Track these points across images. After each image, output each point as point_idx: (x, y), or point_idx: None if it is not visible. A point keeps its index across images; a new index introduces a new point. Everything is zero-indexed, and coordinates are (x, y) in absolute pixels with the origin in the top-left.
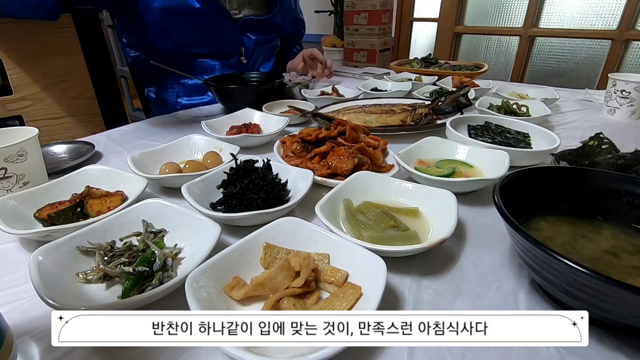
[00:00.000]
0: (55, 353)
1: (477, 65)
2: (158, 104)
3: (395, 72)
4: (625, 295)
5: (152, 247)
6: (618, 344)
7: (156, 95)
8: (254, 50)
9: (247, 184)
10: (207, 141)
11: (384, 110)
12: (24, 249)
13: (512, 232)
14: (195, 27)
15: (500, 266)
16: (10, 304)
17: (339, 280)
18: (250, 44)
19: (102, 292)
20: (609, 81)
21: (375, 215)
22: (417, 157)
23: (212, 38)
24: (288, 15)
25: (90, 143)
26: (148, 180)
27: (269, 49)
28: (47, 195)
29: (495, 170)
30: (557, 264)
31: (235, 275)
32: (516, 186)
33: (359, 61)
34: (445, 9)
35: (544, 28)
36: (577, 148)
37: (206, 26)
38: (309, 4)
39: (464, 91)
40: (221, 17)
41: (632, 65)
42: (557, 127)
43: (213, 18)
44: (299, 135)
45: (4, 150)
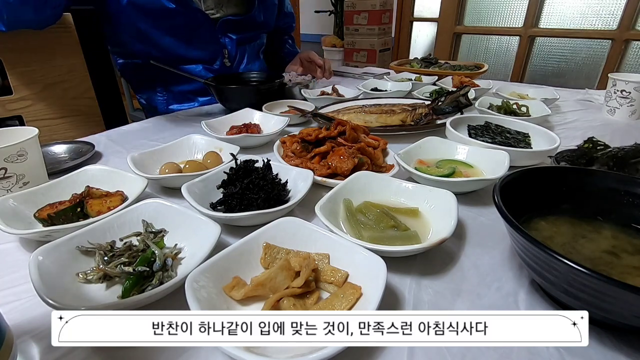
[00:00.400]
0: (55, 353)
1: (477, 65)
2: (149, 110)
3: (395, 72)
4: (625, 295)
5: (152, 247)
6: (618, 344)
7: (147, 102)
8: (237, 51)
9: (247, 184)
10: (207, 141)
11: (384, 110)
12: (24, 249)
13: (512, 232)
14: (172, 29)
15: (500, 266)
16: (10, 304)
17: (339, 280)
18: (232, 45)
19: (102, 292)
20: (609, 81)
21: (375, 215)
22: (417, 157)
23: (191, 42)
24: (271, 11)
25: (90, 143)
26: (148, 180)
27: (254, 47)
28: (47, 195)
29: (495, 170)
30: (557, 264)
31: (235, 275)
32: (516, 186)
33: (359, 61)
34: (445, 9)
35: (544, 28)
36: (573, 150)
37: (183, 29)
38: (309, 4)
39: (464, 91)
40: (198, 19)
41: (632, 65)
42: (557, 127)
43: (190, 20)
44: (299, 135)
45: (4, 150)
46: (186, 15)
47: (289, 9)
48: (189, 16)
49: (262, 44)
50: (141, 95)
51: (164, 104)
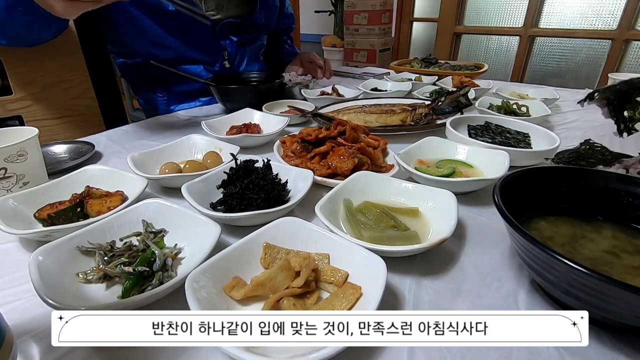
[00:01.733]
0: (55, 353)
1: (477, 65)
2: (149, 110)
3: (395, 72)
4: (625, 295)
5: (152, 247)
6: (618, 344)
7: (146, 103)
8: (237, 52)
9: (247, 184)
10: (207, 141)
11: (384, 110)
12: (24, 249)
13: (512, 232)
14: (173, 30)
15: (500, 266)
16: (10, 304)
17: (339, 280)
18: (232, 47)
19: (102, 292)
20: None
21: (375, 215)
22: (417, 157)
23: (191, 43)
24: (272, 13)
25: (90, 143)
26: (148, 180)
27: (254, 49)
28: (47, 195)
29: (495, 170)
30: (557, 264)
31: (235, 275)
32: (516, 186)
33: (359, 61)
34: (445, 9)
35: (544, 28)
36: (570, 152)
37: (184, 30)
38: (309, 4)
39: (464, 91)
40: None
41: (632, 65)
42: (557, 127)
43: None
44: (299, 135)
45: (4, 150)
46: (187, 16)
47: (289, 10)
48: (190, 17)
49: (262, 45)
50: (140, 95)
51: (165, 104)
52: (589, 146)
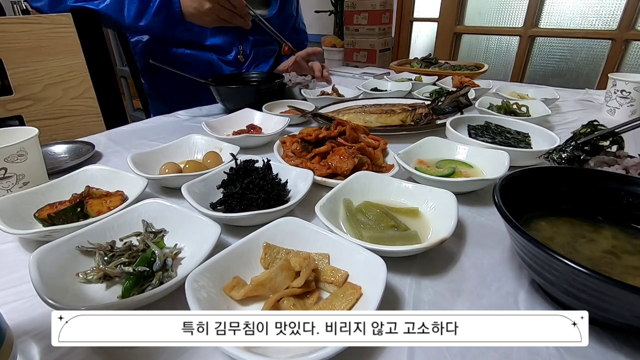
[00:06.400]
0: (55, 353)
1: (477, 65)
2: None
3: (395, 72)
4: (625, 295)
5: (152, 247)
6: (618, 344)
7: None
8: (251, 50)
9: (247, 184)
10: (207, 141)
11: (384, 110)
12: (24, 249)
13: (512, 232)
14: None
15: (500, 266)
16: (10, 304)
17: (339, 280)
18: (247, 45)
19: (102, 292)
20: (609, 81)
21: (375, 215)
22: (417, 157)
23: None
24: (287, 21)
25: (90, 143)
26: (148, 180)
27: (267, 52)
28: (47, 195)
29: (495, 170)
30: (557, 264)
31: (235, 275)
32: (516, 186)
33: (359, 61)
34: (445, 9)
35: (544, 28)
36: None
37: None
38: (309, 4)
39: (464, 91)
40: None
41: (632, 65)
42: (557, 127)
43: None
44: (299, 135)
45: (4, 150)
46: None
47: (301, 26)
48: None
49: (275, 50)
50: (146, 78)
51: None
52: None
